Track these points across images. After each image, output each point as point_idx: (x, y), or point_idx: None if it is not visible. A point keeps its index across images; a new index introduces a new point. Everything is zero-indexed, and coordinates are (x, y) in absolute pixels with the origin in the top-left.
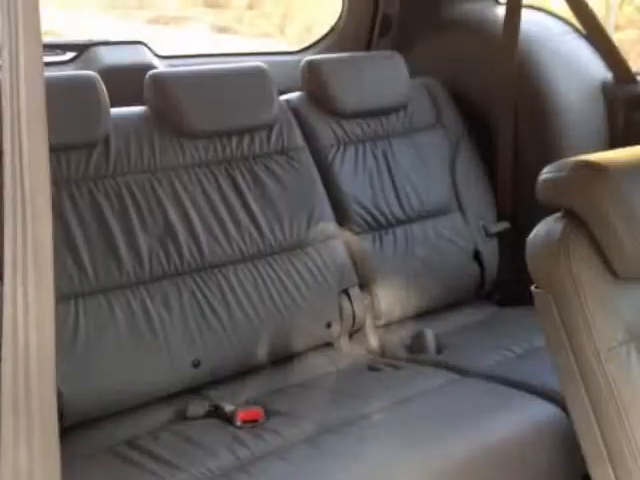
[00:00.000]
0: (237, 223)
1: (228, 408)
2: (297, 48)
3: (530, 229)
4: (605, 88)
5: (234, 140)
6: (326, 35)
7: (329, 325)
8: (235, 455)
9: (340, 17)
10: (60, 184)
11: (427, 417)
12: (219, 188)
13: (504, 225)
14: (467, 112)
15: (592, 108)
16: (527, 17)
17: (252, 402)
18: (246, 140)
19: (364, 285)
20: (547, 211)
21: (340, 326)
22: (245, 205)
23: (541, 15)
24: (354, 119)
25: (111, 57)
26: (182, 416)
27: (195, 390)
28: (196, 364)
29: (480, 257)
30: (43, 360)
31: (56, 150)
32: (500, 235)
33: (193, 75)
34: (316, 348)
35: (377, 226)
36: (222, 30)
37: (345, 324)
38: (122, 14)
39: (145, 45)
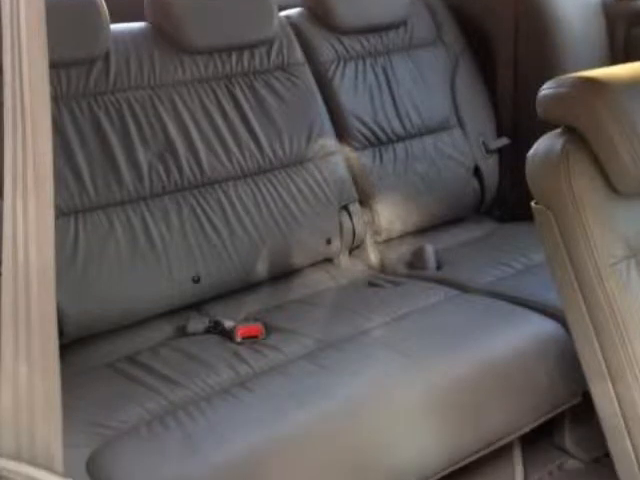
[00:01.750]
0: (237, 139)
1: (228, 324)
2: None
3: (530, 145)
4: (605, 4)
5: (234, 56)
6: None
7: (329, 241)
8: (235, 371)
9: None
10: (60, 100)
11: (427, 333)
12: (219, 104)
13: (504, 141)
14: (467, 28)
15: (592, 24)
16: None
17: (252, 318)
18: (246, 56)
19: (364, 201)
20: (547, 127)
21: (340, 242)
22: (245, 121)
23: None
24: (354, 35)
25: None
26: (182, 332)
27: (195, 306)
28: (196, 280)
29: (480, 173)
30: (43, 276)
31: (56, 66)
32: (500, 151)
33: None
34: (316, 264)
35: (377, 142)
36: None
37: (345, 240)
38: None
39: None
